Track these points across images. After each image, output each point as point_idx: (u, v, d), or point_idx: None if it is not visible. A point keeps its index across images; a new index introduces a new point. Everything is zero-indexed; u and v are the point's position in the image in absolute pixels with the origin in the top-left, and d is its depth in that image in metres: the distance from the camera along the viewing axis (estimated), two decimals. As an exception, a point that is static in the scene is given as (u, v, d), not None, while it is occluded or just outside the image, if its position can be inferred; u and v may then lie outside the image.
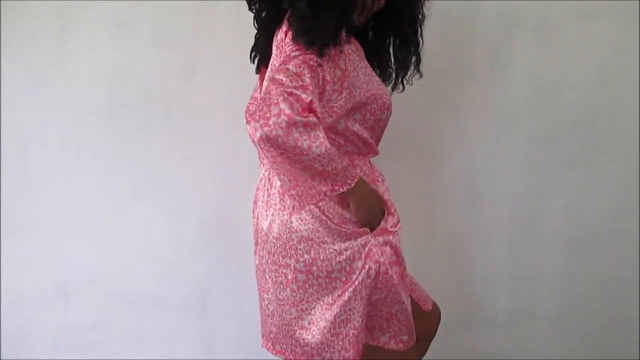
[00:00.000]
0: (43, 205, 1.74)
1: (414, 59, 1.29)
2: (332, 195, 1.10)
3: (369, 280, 1.14)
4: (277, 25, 1.18)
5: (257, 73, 1.33)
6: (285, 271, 1.18)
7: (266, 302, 1.26)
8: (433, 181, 1.77)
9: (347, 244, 1.14)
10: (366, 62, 1.22)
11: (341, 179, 1.08)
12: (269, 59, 1.21)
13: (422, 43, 1.28)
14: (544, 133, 1.74)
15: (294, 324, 1.20)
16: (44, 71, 1.67)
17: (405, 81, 1.33)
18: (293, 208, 1.13)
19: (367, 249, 1.14)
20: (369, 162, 1.27)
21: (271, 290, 1.23)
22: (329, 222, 1.13)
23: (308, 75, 1.04)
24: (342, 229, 1.14)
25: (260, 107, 1.01)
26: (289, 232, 1.15)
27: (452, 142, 1.76)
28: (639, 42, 1.67)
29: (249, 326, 1.83)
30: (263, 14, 1.23)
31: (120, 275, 1.79)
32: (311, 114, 1.02)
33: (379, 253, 1.14)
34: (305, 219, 1.14)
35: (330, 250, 1.14)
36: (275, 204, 1.19)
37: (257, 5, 1.23)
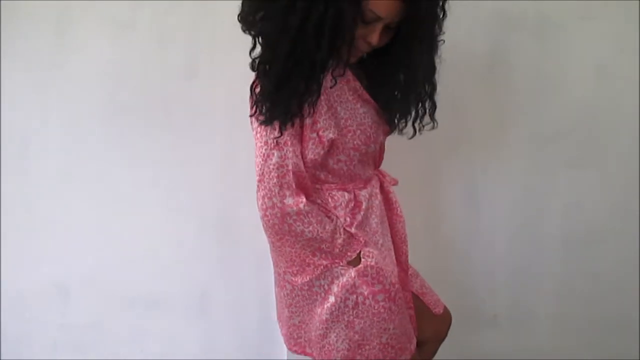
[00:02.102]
0: (43, 205, 1.74)
1: (420, 105, 1.18)
2: (334, 267, 1.15)
3: (347, 309, 1.15)
4: None
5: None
6: (277, 277, 1.27)
7: (275, 292, 1.35)
8: (433, 181, 1.77)
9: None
10: (353, 85, 1.14)
11: (340, 255, 1.14)
12: None
13: (433, 91, 1.18)
14: (544, 133, 1.74)
15: (288, 321, 1.27)
16: (44, 71, 1.67)
17: (414, 127, 1.22)
18: (289, 283, 1.20)
19: (344, 279, 1.14)
20: (365, 184, 1.25)
21: (274, 285, 1.32)
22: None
23: (289, 154, 1.07)
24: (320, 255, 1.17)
25: (261, 195, 1.09)
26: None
27: (452, 142, 1.76)
28: (639, 42, 1.67)
29: (249, 326, 1.83)
30: None
31: (120, 275, 1.79)
32: (301, 199, 1.08)
33: (356, 285, 1.14)
34: None
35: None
36: None
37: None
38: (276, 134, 1.06)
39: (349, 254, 1.14)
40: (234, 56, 1.68)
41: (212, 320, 1.83)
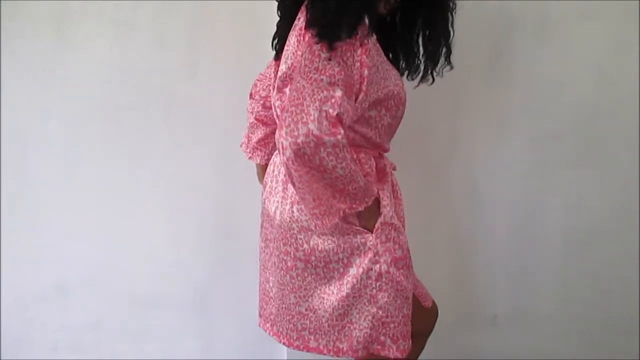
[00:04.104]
0: (43, 205, 1.74)
1: (444, 50, 1.25)
2: (350, 212, 1.10)
3: (370, 282, 1.13)
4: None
5: (275, 59, 1.28)
6: (285, 258, 1.20)
7: (270, 285, 1.28)
8: (433, 181, 1.77)
9: (345, 238, 1.14)
10: (383, 56, 1.19)
11: (360, 198, 1.09)
12: None
13: (453, 33, 1.25)
14: (544, 133, 1.74)
15: (292, 309, 1.22)
16: (44, 71, 1.67)
17: (435, 73, 1.29)
18: (315, 227, 1.14)
19: (366, 247, 1.14)
20: (381, 154, 1.26)
21: (275, 273, 1.25)
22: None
23: (336, 78, 1.02)
24: (342, 224, 1.14)
25: (288, 121, 1.00)
26: (290, 221, 1.17)
27: (452, 142, 1.76)
28: (639, 42, 1.67)
29: (248, 326, 1.83)
30: (287, 1, 1.22)
31: (120, 275, 1.79)
32: (339, 130, 1.00)
33: (379, 253, 1.13)
34: (304, 210, 1.15)
35: (329, 241, 1.15)
36: (279, 192, 1.21)
37: None
38: (329, 49, 1.03)
39: (366, 199, 1.09)
40: (234, 56, 1.69)
41: (212, 320, 1.84)
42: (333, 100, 1.00)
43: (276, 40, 1.28)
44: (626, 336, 1.83)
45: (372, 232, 1.14)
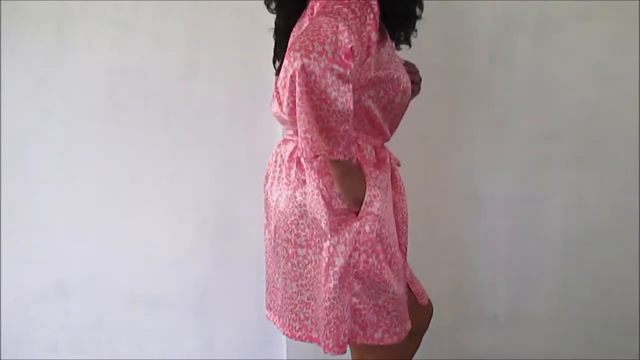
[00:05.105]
0: (43, 205, 1.74)
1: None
2: (329, 158, 1.06)
3: (352, 269, 1.12)
4: None
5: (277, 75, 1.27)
6: (286, 245, 1.19)
7: (276, 276, 1.27)
8: (433, 181, 1.77)
9: (334, 225, 1.12)
10: (389, 39, 1.18)
11: (343, 148, 1.05)
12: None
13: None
14: (544, 133, 1.74)
15: (294, 298, 1.20)
16: (44, 71, 1.67)
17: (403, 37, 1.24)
18: (302, 153, 1.08)
19: (350, 235, 1.11)
20: (383, 145, 1.25)
21: (278, 263, 1.23)
22: (332, 202, 1.12)
23: (361, 23, 1.02)
24: (340, 213, 1.12)
25: (303, 39, 0.98)
26: (292, 207, 1.16)
27: (452, 142, 1.76)
28: (639, 42, 1.67)
29: (248, 326, 1.83)
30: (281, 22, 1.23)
31: (120, 275, 1.79)
32: (350, 64, 0.99)
33: (360, 241, 1.11)
34: (309, 194, 1.14)
35: (320, 227, 1.13)
36: (282, 179, 1.20)
37: None
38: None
39: (346, 152, 1.05)
40: (234, 56, 1.69)
41: (212, 320, 1.84)
42: (347, 34, 1.00)
43: (278, 63, 1.28)
44: (626, 336, 1.83)
45: (356, 214, 1.12)
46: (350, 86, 1.01)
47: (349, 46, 0.99)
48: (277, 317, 1.29)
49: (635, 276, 1.80)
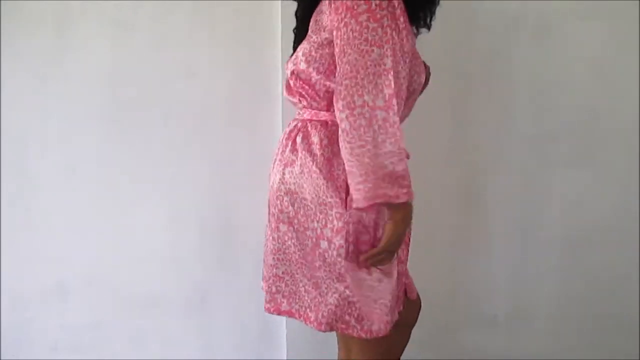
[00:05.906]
0: (43, 205, 1.74)
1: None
2: (395, 202, 1.04)
3: (340, 259, 1.11)
4: None
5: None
6: (271, 219, 1.21)
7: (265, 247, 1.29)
8: (433, 181, 1.77)
9: (322, 207, 1.12)
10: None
11: (407, 188, 1.05)
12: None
13: None
14: (544, 133, 1.74)
15: (270, 271, 1.23)
16: (43, 71, 1.67)
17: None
18: (356, 202, 1.06)
19: (339, 223, 1.11)
20: None
21: (267, 235, 1.25)
22: (323, 183, 1.11)
23: (385, 48, 1.02)
24: (326, 196, 1.12)
25: (344, 95, 1.01)
26: (280, 183, 1.18)
27: (452, 141, 1.76)
28: (638, 42, 1.67)
29: (249, 326, 1.83)
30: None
31: (120, 275, 1.79)
32: (392, 104, 1.01)
33: (349, 232, 1.11)
34: (295, 173, 1.15)
35: (309, 207, 1.14)
36: (277, 160, 1.21)
37: None
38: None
39: (411, 191, 1.05)
40: (234, 56, 1.69)
41: (212, 320, 1.84)
42: (386, 74, 1.01)
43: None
44: (626, 336, 1.83)
45: (344, 209, 1.11)
46: (398, 124, 1.03)
47: (391, 91, 1.01)
48: (266, 286, 1.29)
49: (635, 276, 1.80)
